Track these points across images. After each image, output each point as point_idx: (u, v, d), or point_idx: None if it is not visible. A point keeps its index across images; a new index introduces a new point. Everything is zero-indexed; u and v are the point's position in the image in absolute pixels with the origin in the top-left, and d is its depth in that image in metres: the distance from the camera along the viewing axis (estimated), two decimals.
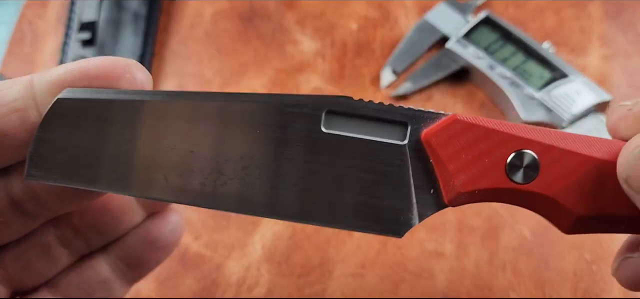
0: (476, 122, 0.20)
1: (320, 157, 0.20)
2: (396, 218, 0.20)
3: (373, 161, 0.20)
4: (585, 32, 0.43)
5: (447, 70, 0.41)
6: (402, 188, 0.20)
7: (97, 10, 0.45)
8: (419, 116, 0.20)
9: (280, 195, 0.20)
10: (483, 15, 0.42)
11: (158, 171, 0.20)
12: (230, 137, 0.20)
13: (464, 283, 0.33)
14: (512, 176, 0.20)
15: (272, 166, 0.20)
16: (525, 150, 0.19)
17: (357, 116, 0.20)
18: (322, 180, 0.20)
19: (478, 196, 0.20)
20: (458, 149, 0.20)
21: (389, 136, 0.20)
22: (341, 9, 0.47)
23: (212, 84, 0.43)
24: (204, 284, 0.34)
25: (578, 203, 0.20)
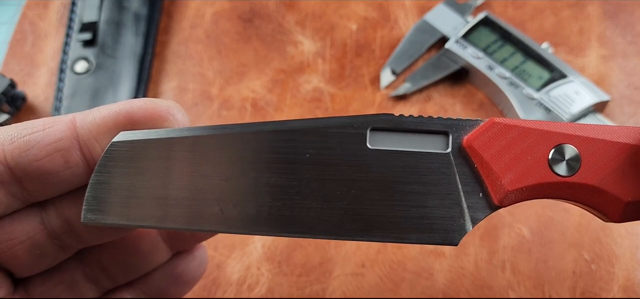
0: (513, 123, 0.20)
1: (369, 174, 0.20)
2: (449, 226, 0.20)
3: (420, 172, 0.21)
4: (584, 33, 0.44)
5: (446, 71, 0.41)
6: (452, 195, 0.20)
7: (98, 11, 0.45)
8: (458, 124, 0.21)
9: (334, 215, 0.20)
10: (482, 15, 0.42)
11: (214, 203, 0.20)
12: (281, 164, 0.20)
13: (464, 282, 0.33)
14: (557, 170, 0.20)
15: (323, 188, 0.20)
16: (564, 144, 0.20)
17: (399, 130, 0.21)
18: (373, 196, 0.20)
19: (526, 193, 0.20)
20: (500, 150, 0.20)
21: (432, 146, 0.21)
22: (341, 10, 0.47)
23: (212, 84, 0.43)
24: (205, 283, 0.34)
25: (624, 189, 0.20)
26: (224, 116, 0.42)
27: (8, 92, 0.41)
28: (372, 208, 0.20)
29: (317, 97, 0.42)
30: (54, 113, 0.42)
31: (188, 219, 0.20)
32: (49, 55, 0.46)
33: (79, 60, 0.44)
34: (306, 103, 0.42)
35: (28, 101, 0.44)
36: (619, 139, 0.20)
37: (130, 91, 0.42)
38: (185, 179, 0.20)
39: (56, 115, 0.41)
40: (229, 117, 0.42)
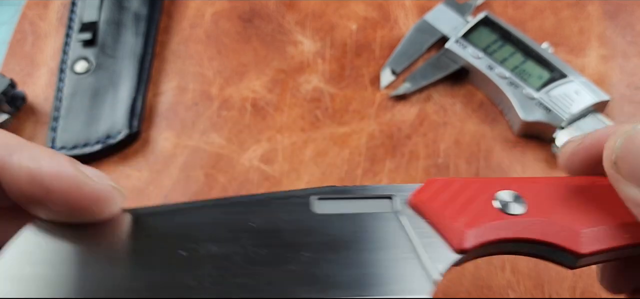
0: (451, 179, 0.21)
1: (318, 237, 0.20)
2: (413, 279, 0.20)
3: (369, 232, 0.20)
4: (584, 33, 0.44)
5: (446, 71, 0.41)
6: (407, 251, 0.20)
7: (97, 11, 0.45)
8: (400, 188, 0.21)
9: (286, 278, 0.19)
10: (482, 15, 0.42)
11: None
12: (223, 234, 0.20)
13: (463, 282, 0.33)
14: (507, 210, 0.20)
15: (271, 253, 0.20)
16: (505, 190, 0.21)
17: (344, 197, 0.21)
18: (327, 257, 0.20)
19: (486, 234, 0.20)
20: (446, 201, 0.20)
21: (378, 208, 0.21)
22: (341, 10, 0.47)
23: (212, 84, 0.43)
24: None
25: (575, 220, 0.20)
26: (224, 115, 0.42)
27: (8, 92, 0.41)
28: (328, 268, 0.19)
29: (317, 97, 0.42)
30: (54, 113, 0.42)
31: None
32: (49, 55, 0.46)
33: (79, 60, 0.44)
34: (306, 103, 0.42)
35: (28, 101, 0.44)
36: (559, 182, 0.21)
37: (130, 91, 0.42)
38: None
39: (56, 115, 0.42)
40: (229, 117, 0.42)
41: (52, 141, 0.41)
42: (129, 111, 0.41)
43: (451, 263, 0.20)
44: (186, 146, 0.41)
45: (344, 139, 0.40)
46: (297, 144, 0.40)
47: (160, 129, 0.42)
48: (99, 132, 0.41)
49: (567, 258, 0.20)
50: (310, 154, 0.39)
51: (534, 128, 0.38)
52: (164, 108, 0.43)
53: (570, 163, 0.21)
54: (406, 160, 0.38)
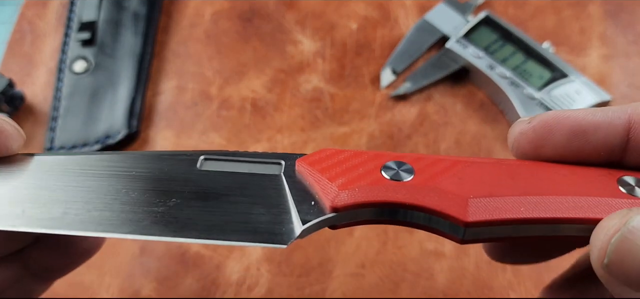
0: (345, 150, 0.22)
1: (194, 188, 0.22)
2: (276, 230, 0.21)
3: (248, 188, 0.22)
4: (585, 32, 0.43)
5: (447, 70, 0.41)
6: (281, 206, 0.21)
7: (97, 10, 0.45)
8: (291, 155, 0.22)
9: (147, 218, 0.21)
10: (483, 15, 0.42)
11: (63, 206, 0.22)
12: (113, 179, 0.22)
13: (464, 283, 0.33)
14: (390, 176, 0.20)
15: (143, 196, 0.22)
16: (397, 161, 0.21)
17: (234, 160, 0.23)
18: (194, 204, 0.21)
19: (362, 195, 0.20)
20: (332, 165, 0.21)
21: (264, 170, 0.22)
22: (341, 9, 0.47)
23: (212, 83, 0.43)
24: (204, 284, 0.34)
25: (464, 188, 0.20)
26: (224, 115, 0.42)
27: (7, 91, 0.41)
28: (191, 213, 0.21)
29: (317, 97, 0.42)
30: (53, 113, 0.42)
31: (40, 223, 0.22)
32: (48, 55, 0.45)
33: (78, 60, 0.44)
34: (306, 103, 0.42)
35: (27, 101, 0.43)
36: (451, 158, 0.21)
37: (129, 91, 0.42)
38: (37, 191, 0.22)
39: (55, 114, 0.41)
40: (229, 116, 0.42)
41: (51, 140, 0.40)
42: (128, 110, 0.41)
43: (321, 219, 0.20)
44: (185, 146, 0.40)
45: (344, 139, 0.40)
46: (297, 144, 0.40)
47: (160, 129, 0.42)
48: (98, 132, 0.40)
49: (453, 228, 0.19)
50: None
51: None
52: (163, 108, 0.43)
53: (517, 143, 0.21)
54: None
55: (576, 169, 0.20)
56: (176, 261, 0.35)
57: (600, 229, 0.17)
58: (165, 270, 0.35)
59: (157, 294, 0.34)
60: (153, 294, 0.34)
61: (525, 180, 0.20)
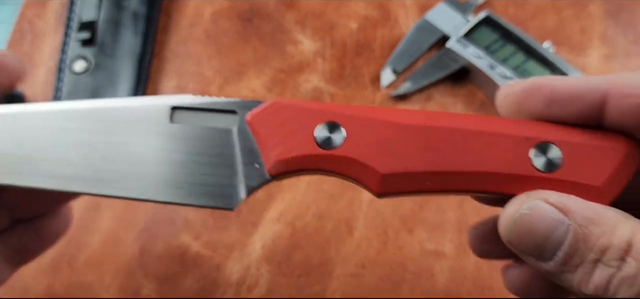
0: (290, 103, 0.23)
1: (164, 144, 0.23)
2: (226, 193, 0.23)
3: (206, 145, 0.23)
4: (586, 32, 0.43)
5: (447, 70, 0.41)
6: (232, 166, 0.23)
7: (96, 10, 0.45)
8: (246, 104, 0.23)
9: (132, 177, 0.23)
10: (483, 14, 0.42)
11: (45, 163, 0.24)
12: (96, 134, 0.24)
13: (464, 283, 0.33)
14: (321, 144, 0.22)
15: (126, 155, 0.23)
16: (331, 121, 0.22)
17: (196, 109, 0.24)
18: (165, 163, 0.23)
19: (293, 164, 0.22)
20: (275, 126, 0.23)
21: (223, 123, 0.23)
22: (341, 9, 0.46)
23: (212, 83, 0.43)
24: (204, 284, 0.34)
25: (383, 163, 0.22)
26: None
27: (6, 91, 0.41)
28: (161, 174, 0.23)
29: (317, 97, 0.42)
30: None
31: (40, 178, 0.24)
32: (48, 55, 0.45)
33: (78, 60, 0.44)
34: None
35: (26, 100, 0.43)
36: (386, 118, 0.22)
37: (129, 90, 0.42)
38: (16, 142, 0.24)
39: None
40: None
41: None
42: None
43: (263, 183, 0.23)
44: None
45: None
46: None
47: None
48: None
49: (371, 190, 0.22)
50: None
51: None
52: None
53: (502, 106, 0.23)
54: None
55: (495, 137, 0.21)
56: (176, 261, 0.35)
57: (503, 213, 0.21)
58: (165, 270, 0.35)
59: (157, 295, 0.34)
60: (153, 294, 0.34)
61: (442, 151, 0.22)
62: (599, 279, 0.19)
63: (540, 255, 0.20)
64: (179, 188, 0.23)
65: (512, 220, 0.20)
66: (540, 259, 0.20)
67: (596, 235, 0.19)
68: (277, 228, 0.36)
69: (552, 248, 0.20)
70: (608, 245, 0.19)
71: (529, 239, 0.20)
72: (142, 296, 0.34)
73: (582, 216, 0.19)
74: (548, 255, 0.20)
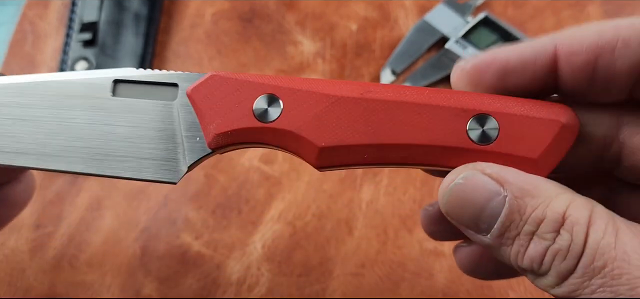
0: (229, 75, 0.23)
1: (107, 118, 0.23)
2: (170, 167, 0.23)
3: (149, 119, 0.23)
4: None
5: (446, 71, 0.41)
6: (174, 140, 0.23)
7: (98, 11, 0.45)
8: (187, 77, 0.23)
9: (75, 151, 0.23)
10: (482, 15, 0.42)
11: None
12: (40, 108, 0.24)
13: (463, 282, 0.33)
14: (259, 117, 0.22)
15: (70, 129, 0.24)
16: (269, 94, 0.22)
17: (138, 83, 0.24)
18: (109, 137, 0.23)
19: (232, 137, 0.22)
20: (215, 100, 0.23)
21: (165, 97, 0.23)
22: (341, 10, 0.47)
23: None
24: (205, 283, 0.35)
25: (319, 136, 0.22)
26: None
27: None
28: (105, 146, 0.23)
29: None
30: None
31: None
32: (49, 55, 0.46)
33: (79, 60, 0.44)
34: None
35: None
36: (322, 90, 0.22)
37: None
38: None
39: None
40: None
41: None
42: None
43: (203, 156, 0.23)
44: None
45: None
46: None
47: None
48: None
49: (309, 163, 0.22)
50: None
51: None
52: None
53: (456, 84, 0.23)
54: None
55: (433, 109, 0.21)
56: (177, 261, 0.35)
57: (442, 184, 0.20)
58: (166, 270, 0.35)
59: (158, 294, 0.34)
60: (154, 293, 0.34)
61: (379, 123, 0.21)
62: (534, 252, 0.18)
63: (477, 227, 0.20)
64: (122, 161, 0.23)
65: (448, 190, 0.20)
66: (477, 231, 0.20)
67: (531, 206, 0.19)
68: (277, 227, 0.36)
69: (488, 219, 0.19)
70: (542, 217, 0.18)
71: (465, 210, 0.20)
72: (143, 295, 0.34)
73: (518, 187, 0.19)
74: (485, 226, 0.19)
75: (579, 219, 0.18)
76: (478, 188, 0.19)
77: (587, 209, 0.18)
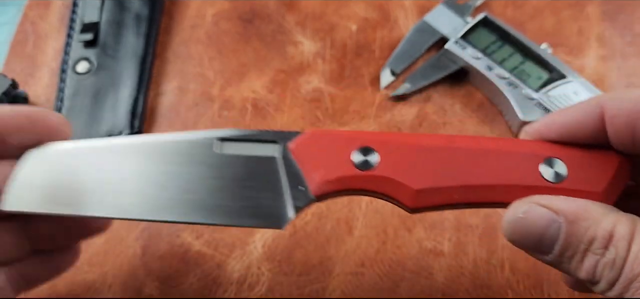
0: (328, 132, 0.26)
1: (214, 172, 0.26)
2: (277, 214, 0.25)
3: (255, 172, 0.26)
4: (583, 33, 0.44)
5: (445, 71, 0.42)
6: (279, 190, 0.25)
7: (99, 12, 0.46)
8: (286, 135, 0.26)
9: (185, 203, 0.25)
10: (481, 16, 0.42)
11: (107, 194, 0.26)
12: (155, 163, 0.26)
13: (463, 282, 0.34)
14: (359, 166, 0.25)
15: (178, 183, 0.26)
16: (365, 146, 0.25)
17: (240, 140, 0.26)
18: (216, 189, 0.25)
19: (336, 185, 0.25)
20: (316, 153, 0.25)
21: (267, 152, 0.26)
22: (341, 10, 0.47)
23: (213, 84, 0.44)
24: (205, 282, 0.35)
25: (415, 181, 0.24)
26: (225, 116, 0.42)
27: (10, 92, 0.41)
28: (215, 199, 0.25)
29: (317, 98, 0.42)
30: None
31: (97, 207, 0.26)
32: (51, 56, 0.46)
33: (81, 61, 0.44)
34: (306, 103, 0.42)
35: (30, 101, 0.44)
36: (410, 142, 0.25)
37: (131, 91, 0.42)
38: (91, 176, 0.26)
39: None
40: (230, 117, 0.42)
41: None
42: (130, 111, 0.41)
43: (308, 203, 0.25)
44: None
45: None
46: None
47: (162, 129, 0.42)
48: (100, 132, 0.41)
49: (404, 207, 0.25)
50: None
51: None
52: (165, 108, 0.43)
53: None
54: None
55: (509, 155, 0.25)
56: (178, 260, 0.36)
57: (504, 218, 0.24)
58: (167, 269, 0.35)
59: (159, 293, 0.35)
60: (155, 292, 0.35)
61: (465, 167, 0.25)
62: (588, 266, 0.22)
63: (539, 250, 0.23)
64: (230, 211, 0.25)
65: (512, 223, 0.23)
66: (540, 253, 0.23)
67: (584, 228, 0.22)
68: None
69: (548, 243, 0.22)
70: (594, 236, 0.22)
71: (528, 238, 0.23)
72: (144, 294, 0.35)
73: (571, 212, 0.22)
74: (546, 250, 0.23)
75: (624, 235, 0.21)
76: (536, 219, 0.23)
77: (630, 226, 0.21)
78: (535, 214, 0.23)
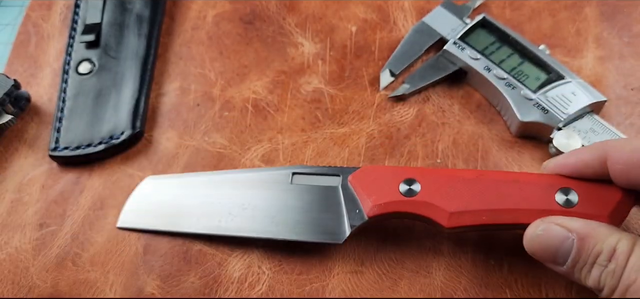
0: (379, 167, 0.35)
1: (289, 199, 0.34)
2: (336, 230, 0.33)
3: (321, 198, 0.34)
4: (581, 34, 0.44)
5: (444, 72, 0.42)
6: (338, 212, 0.33)
7: (100, 13, 0.46)
8: (346, 169, 0.34)
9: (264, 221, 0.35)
10: (480, 17, 0.43)
11: (212, 216, 0.35)
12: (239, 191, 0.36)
13: (461, 280, 0.34)
14: (404, 194, 0.32)
15: (260, 206, 0.35)
16: (409, 178, 0.32)
17: (310, 174, 0.35)
18: (289, 211, 0.34)
19: (384, 208, 0.32)
20: (370, 183, 0.33)
21: (331, 182, 0.34)
22: (341, 12, 0.47)
23: (214, 85, 0.44)
24: (207, 281, 0.35)
25: (450, 204, 0.31)
26: (226, 116, 0.42)
27: (12, 92, 0.42)
28: (290, 219, 0.34)
29: (317, 98, 0.43)
30: (57, 114, 0.42)
31: (196, 227, 0.36)
32: (53, 57, 0.46)
33: (82, 62, 0.44)
34: (306, 104, 0.42)
35: (32, 102, 0.44)
36: (446, 174, 0.32)
37: (133, 92, 0.43)
38: (193, 201, 0.37)
39: (60, 115, 0.42)
40: (231, 117, 0.42)
41: (56, 141, 0.41)
42: (132, 111, 0.42)
43: (362, 222, 0.32)
44: (188, 146, 0.41)
45: (344, 140, 0.40)
46: (297, 144, 0.40)
47: (163, 130, 0.42)
48: (102, 132, 0.41)
49: (441, 227, 0.31)
50: (310, 154, 0.40)
51: (531, 129, 0.38)
52: (167, 109, 0.43)
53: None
54: (405, 160, 0.39)
55: (529, 184, 0.31)
56: (179, 259, 0.36)
57: (526, 234, 0.29)
58: (168, 268, 0.36)
59: (160, 292, 0.35)
60: (156, 291, 0.35)
61: (490, 194, 0.30)
62: (595, 275, 0.27)
63: (555, 261, 0.28)
64: (300, 229, 0.33)
65: (533, 238, 0.29)
66: (556, 264, 0.28)
67: (593, 244, 0.27)
68: None
69: (563, 256, 0.28)
70: (600, 251, 0.26)
71: (545, 252, 0.28)
72: (145, 293, 0.35)
73: (582, 231, 0.27)
74: (561, 261, 0.28)
75: (624, 250, 0.26)
76: (553, 236, 0.28)
77: (630, 243, 0.26)
78: (552, 232, 0.28)
